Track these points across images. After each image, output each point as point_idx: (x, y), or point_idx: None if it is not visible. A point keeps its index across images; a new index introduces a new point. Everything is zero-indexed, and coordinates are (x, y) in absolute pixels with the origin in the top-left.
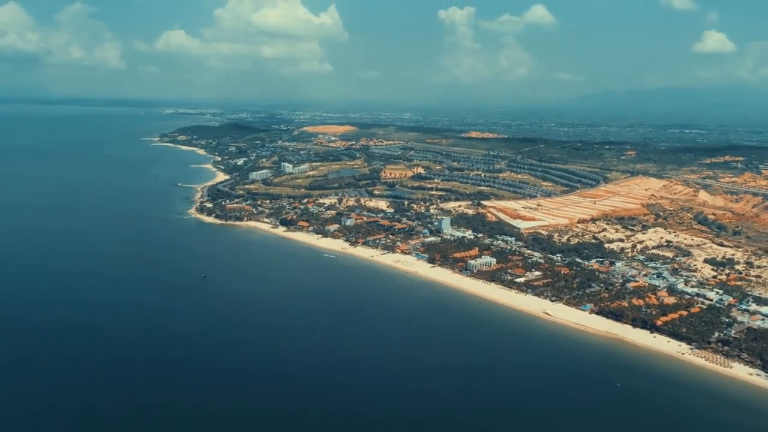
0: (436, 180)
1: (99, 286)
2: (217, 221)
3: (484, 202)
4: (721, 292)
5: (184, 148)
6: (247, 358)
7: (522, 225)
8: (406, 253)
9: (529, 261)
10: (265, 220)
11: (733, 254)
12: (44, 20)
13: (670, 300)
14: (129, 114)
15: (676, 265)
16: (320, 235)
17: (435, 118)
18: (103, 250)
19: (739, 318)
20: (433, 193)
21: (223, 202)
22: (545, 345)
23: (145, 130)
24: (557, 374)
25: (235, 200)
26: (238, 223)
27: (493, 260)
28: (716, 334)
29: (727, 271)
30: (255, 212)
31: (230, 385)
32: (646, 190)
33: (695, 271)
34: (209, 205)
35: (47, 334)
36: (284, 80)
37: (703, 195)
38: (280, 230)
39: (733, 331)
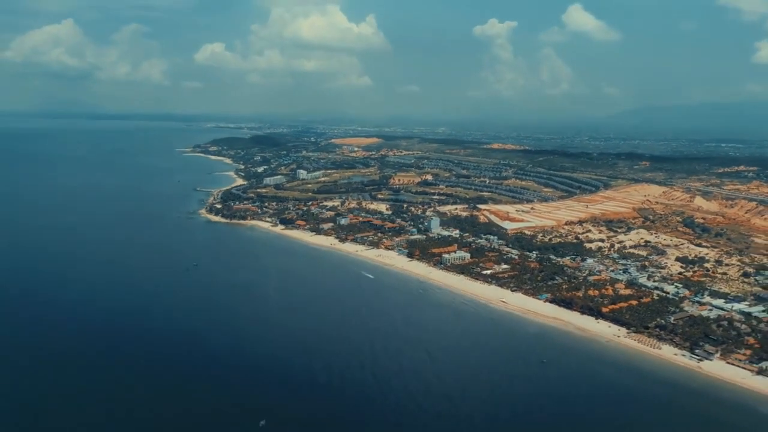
0: (440, 186)
1: (97, 270)
2: (223, 220)
3: (480, 206)
4: (680, 286)
5: (213, 158)
6: (210, 326)
7: (509, 226)
8: (389, 249)
9: (504, 257)
10: (267, 219)
11: (707, 253)
12: (97, 38)
13: (626, 292)
14: (171, 128)
15: (647, 263)
16: (314, 233)
17: (468, 132)
18: (108, 241)
19: (687, 308)
20: (434, 197)
21: (232, 204)
22: (490, 326)
23: (182, 143)
24: (492, 350)
25: (244, 202)
26: (241, 221)
27: (467, 255)
28: (656, 320)
29: (695, 268)
30: (259, 212)
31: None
32: (644, 196)
33: (664, 268)
34: (219, 206)
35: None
36: (324, 95)
37: (698, 200)
38: (279, 228)
39: (672, 318)
